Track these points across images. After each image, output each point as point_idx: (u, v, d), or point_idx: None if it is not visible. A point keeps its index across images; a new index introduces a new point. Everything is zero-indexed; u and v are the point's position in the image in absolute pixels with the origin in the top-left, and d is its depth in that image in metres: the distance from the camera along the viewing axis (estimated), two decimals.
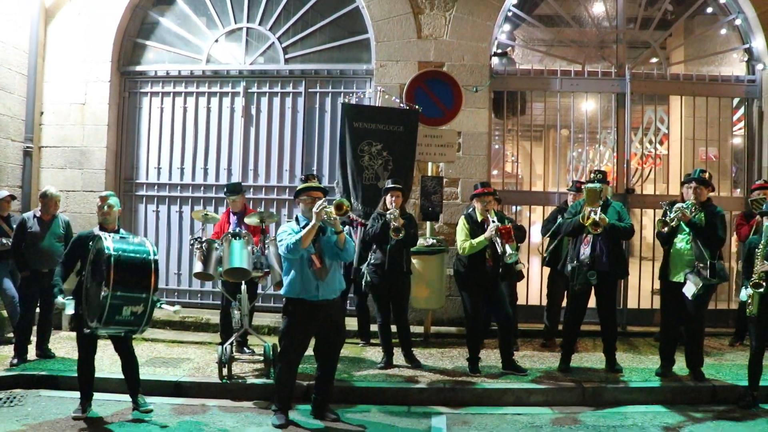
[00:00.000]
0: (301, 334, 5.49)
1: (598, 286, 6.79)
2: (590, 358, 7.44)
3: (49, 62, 9.62)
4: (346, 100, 8.20)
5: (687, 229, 6.46)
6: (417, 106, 8.11)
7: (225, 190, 7.77)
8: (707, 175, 6.65)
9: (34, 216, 7.38)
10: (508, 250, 6.39)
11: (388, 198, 7.14)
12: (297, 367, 5.65)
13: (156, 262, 5.33)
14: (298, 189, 5.72)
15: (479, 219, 6.78)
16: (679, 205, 6.48)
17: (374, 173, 7.85)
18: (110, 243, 5.22)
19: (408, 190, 7.94)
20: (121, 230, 5.88)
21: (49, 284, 7.20)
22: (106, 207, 5.77)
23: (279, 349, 5.71)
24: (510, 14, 9.46)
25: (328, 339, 5.58)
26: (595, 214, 6.48)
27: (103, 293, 5.04)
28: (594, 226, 6.47)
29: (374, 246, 7.13)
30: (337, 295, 5.53)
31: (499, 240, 6.46)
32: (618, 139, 9.42)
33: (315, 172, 8.58)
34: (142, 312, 5.17)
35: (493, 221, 6.57)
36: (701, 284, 6.27)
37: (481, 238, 6.62)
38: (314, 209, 5.28)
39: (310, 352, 5.67)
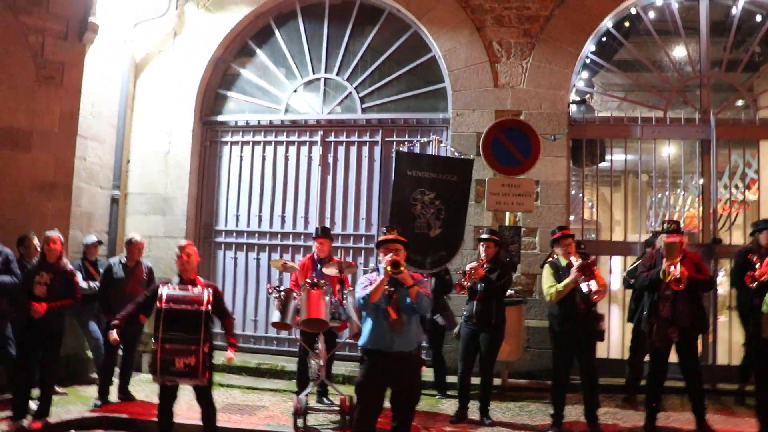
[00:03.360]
0: (376, 385, 5.41)
1: (679, 343, 6.47)
2: (678, 418, 7.06)
3: (136, 113, 10.06)
4: (403, 148, 8.23)
5: None
6: (472, 156, 8.02)
7: (317, 232, 7.77)
8: None
9: (120, 262, 7.63)
10: (594, 287, 6.18)
11: (480, 248, 7.08)
12: (373, 418, 5.54)
13: (208, 313, 5.35)
14: (378, 241, 5.71)
15: (563, 263, 6.59)
16: None
17: (426, 222, 7.78)
18: (164, 295, 5.37)
19: (460, 241, 7.86)
20: (199, 279, 5.95)
21: (132, 328, 7.47)
22: (184, 256, 5.89)
23: (356, 399, 5.64)
24: (588, 61, 9.35)
25: (403, 392, 5.47)
26: (675, 268, 6.19)
27: (152, 346, 5.21)
28: (676, 283, 6.18)
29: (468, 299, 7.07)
30: (414, 348, 5.44)
31: (584, 278, 6.26)
32: (704, 187, 9.07)
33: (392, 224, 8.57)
34: (195, 364, 5.22)
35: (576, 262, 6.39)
36: None
37: (567, 280, 6.41)
38: (382, 264, 5.27)
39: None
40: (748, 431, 6.49)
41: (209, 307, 5.42)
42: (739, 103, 9.51)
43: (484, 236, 7.16)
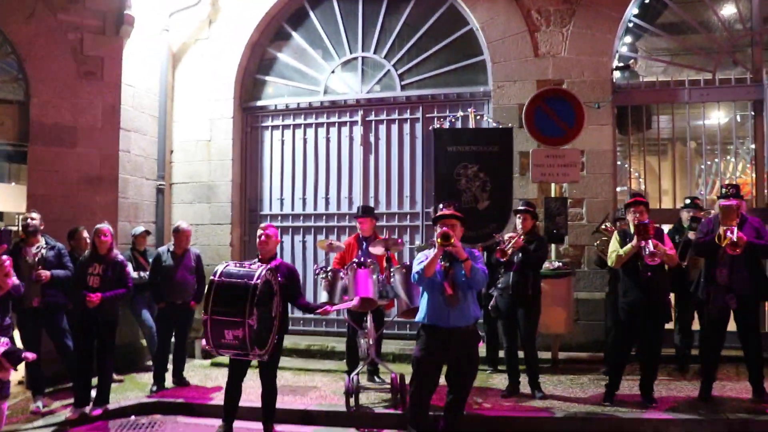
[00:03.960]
0: (433, 360, 5.39)
1: (738, 310, 6.29)
2: (734, 387, 6.89)
3: (176, 103, 10.17)
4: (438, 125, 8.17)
5: None
6: (509, 124, 7.92)
7: (359, 211, 7.77)
8: None
9: (168, 250, 7.72)
10: (651, 247, 5.98)
11: (517, 221, 6.98)
12: (429, 393, 5.52)
13: (256, 287, 5.34)
14: (434, 217, 5.68)
15: (632, 231, 6.38)
16: None
17: (472, 196, 7.70)
18: (221, 269, 5.45)
19: (509, 211, 7.72)
20: (278, 259, 6.01)
21: (183, 315, 7.58)
22: (264, 237, 5.95)
23: (412, 374, 5.63)
24: (631, 25, 9.08)
25: (460, 367, 5.43)
26: (732, 233, 5.99)
27: (202, 317, 5.28)
28: (732, 247, 6.00)
29: (502, 270, 6.97)
30: (470, 323, 5.39)
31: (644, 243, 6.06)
32: (756, 150, 8.77)
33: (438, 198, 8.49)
34: (243, 336, 5.24)
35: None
36: None
37: (628, 246, 6.24)
38: (435, 238, 5.23)
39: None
40: None
41: (259, 281, 5.43)
42: None
43: (520, 208, 7.06)
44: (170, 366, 7.69)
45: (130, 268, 7.13)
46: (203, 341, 5.39)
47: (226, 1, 10.10)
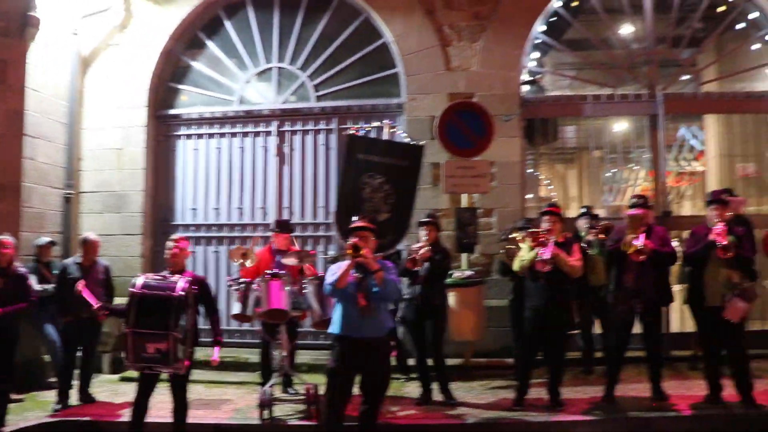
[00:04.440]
0: (346, 370, 5.46)
1: (643, 314, 6.64)
2: (636, 387, 7.22)
3: (86, 110, 9.86)
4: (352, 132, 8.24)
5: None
6: (422, 142, 8.12)
7: (274, 226, 7.73)
8: (725, 195, 6.61)
9: (75, 262, 7.50)
10: (546, 255, 6.28)
11: (421, 232, 7.13)
12: (343, 403, 5.58)
13: (180, 299, 5.33)
14: (346, 228, 5.75)
15: None
16: (716, 227, 6.35)
17: (374, 206, 7.74)
18: (140, 281, 5.40)
19: (407, 226, 7.83)
20: (188, 272, 5.95)
21: (90, 329, 7.36)
22: (176, 249, 5.89)
23: (326, 385, 5.68)
24: (538, 41, 9.45)
25: (373, 377, 5.52)
26: (638, 240, 6.34)
27: (124, 330, 5.25)
28: (637, 254, 6.35)
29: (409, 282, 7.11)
30: (383, 334, 5.50)
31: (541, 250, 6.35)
32: (654, 160, 9.28)
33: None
34: (167, 349, 5.21)
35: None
36: (747, 305, 6.16)
37: (531, 253, 6.49)
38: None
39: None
40: (699, 394, 6.74)
41: (182, 293, 5.38)
42: (684, 78, 9.73)
43: (425, 219, 7.20)
44: (76, 382, 7.44)
45: (32, 280, 6.89)
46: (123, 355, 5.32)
47: (140, 7, 9.86)
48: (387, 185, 7.74)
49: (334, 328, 5.44)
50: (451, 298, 7.60)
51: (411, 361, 7.82)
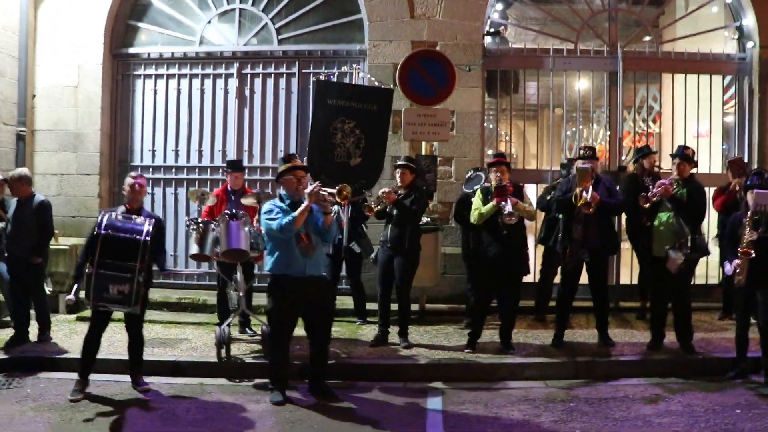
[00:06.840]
0: (289, 311, 5.55)
1: (590, 264, 6.87)
2: (583, 334, 7.52)
3: (40, 45, 9.58)
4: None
5: (669, 205, 6.53)
6: (391, 86, 8.09)
7: (226, 165, 7.72)
8: (690, 151, 6.76)
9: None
10: (508, 208, 6.41)
11: (396, 175, 7.20)
12: (288, 345, 5.70)
13: (146, 243, 5.36)
14: (281, 169, 5.76)
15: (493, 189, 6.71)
16: (662, 180, 6.57)
17: (346, 151, 7.73)
18: (104, 220, 5.40)
19: (379, 170, 7.92)
20: (145, 210, 5.96)
21: (27, 268, 7.09)
22: (137, 186, 5.87)
23: (269, 330, 5.78)
24: None
25: (317, 315, 5.64)
26: (587, 192, 6.49)
27: (87, 271, 5.28)
28: (586, 206, 6.52)
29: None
30: (323, 272, 5.61)
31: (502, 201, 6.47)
32: (610, 117, 9.45)
33: (296, 153, 8.47)
34: (129, 291, 5.28)
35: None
36: (683, 259, 6.40)
37: (489, 205, 6.61)
38: (307, 191, 5.37)
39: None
40: (644, 342, 7.06)
41: (148, 237, 5.40)
42: (646, 39, 9.86)
43: (400, 162, 7.28)
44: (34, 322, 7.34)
45: None
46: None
47: None
48: (357, 129, 7.74)
49: (274, 267, 5.51)
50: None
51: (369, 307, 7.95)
